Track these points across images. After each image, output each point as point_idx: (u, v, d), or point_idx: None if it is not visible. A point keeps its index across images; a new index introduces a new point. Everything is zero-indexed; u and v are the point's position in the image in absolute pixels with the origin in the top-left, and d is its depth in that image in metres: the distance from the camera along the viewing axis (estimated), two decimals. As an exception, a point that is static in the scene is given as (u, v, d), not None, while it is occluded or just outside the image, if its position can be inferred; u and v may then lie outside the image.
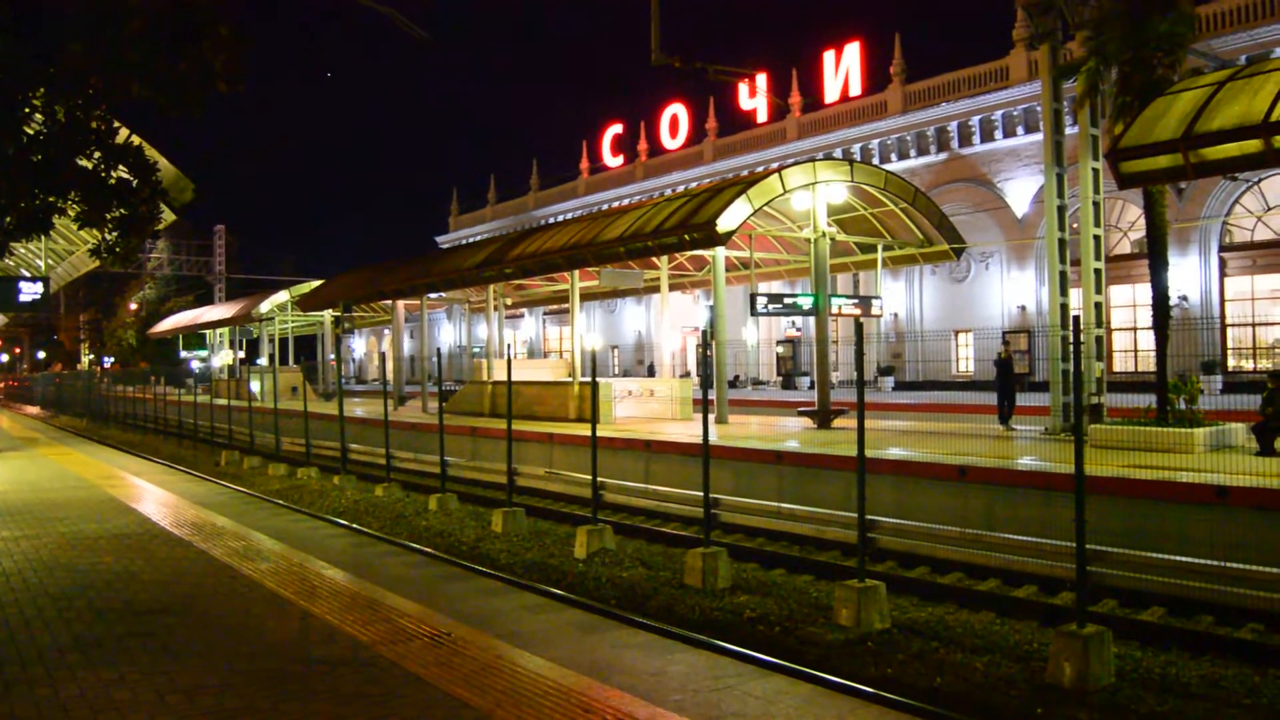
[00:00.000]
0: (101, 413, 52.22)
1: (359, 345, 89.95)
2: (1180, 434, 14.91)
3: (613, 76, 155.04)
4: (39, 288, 22.28)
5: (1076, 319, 10.29)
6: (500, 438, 18.90)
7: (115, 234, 10.86)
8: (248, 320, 47.65)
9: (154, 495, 18.04)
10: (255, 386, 39.66)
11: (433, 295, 34.45)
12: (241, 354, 56.52)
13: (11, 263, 29.68)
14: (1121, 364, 37.53)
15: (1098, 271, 18.29)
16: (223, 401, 38.61)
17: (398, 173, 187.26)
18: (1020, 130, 41.36)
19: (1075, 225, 19.46)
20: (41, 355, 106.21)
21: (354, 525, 17.38)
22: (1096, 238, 18.37)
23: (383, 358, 27.31)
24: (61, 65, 9.37)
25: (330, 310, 41.10)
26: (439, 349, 27.76)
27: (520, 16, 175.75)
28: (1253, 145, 12.66)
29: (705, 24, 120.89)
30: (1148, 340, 28.59)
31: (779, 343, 52.15)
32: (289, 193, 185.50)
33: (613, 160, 63.61)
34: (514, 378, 19.21)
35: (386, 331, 73.22)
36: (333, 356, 47.07)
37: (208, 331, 54.85)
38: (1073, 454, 9.19)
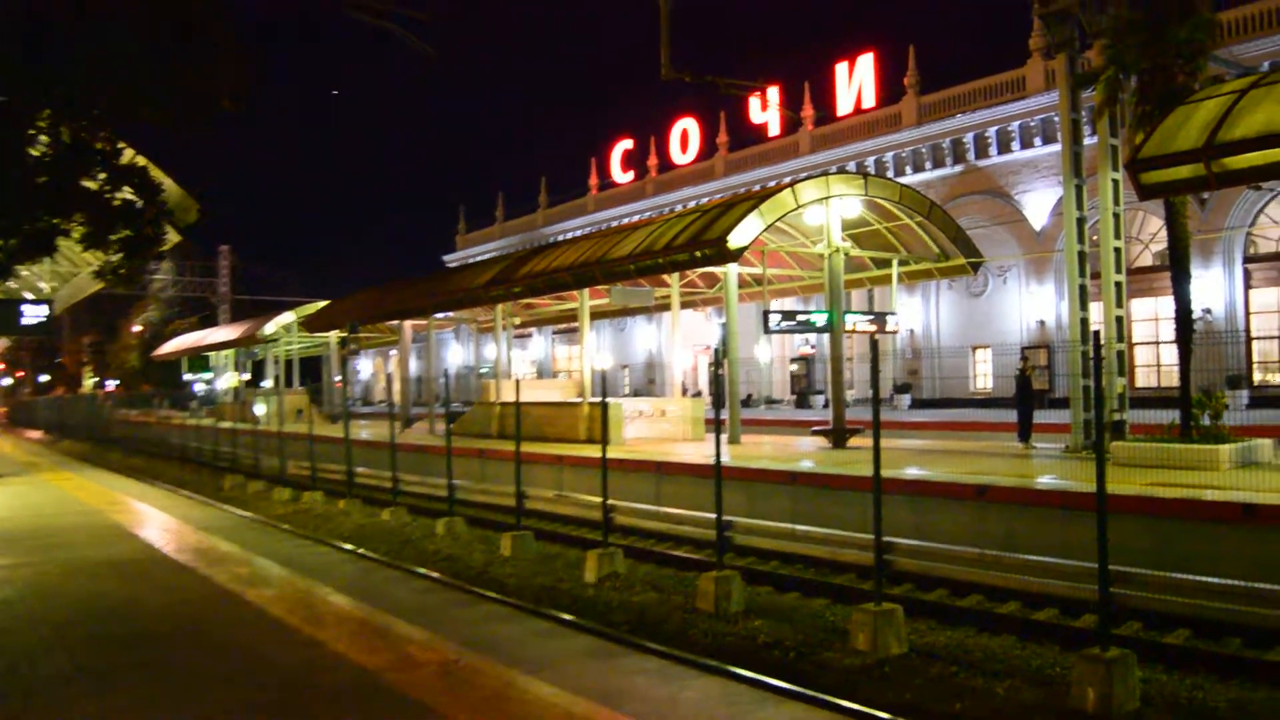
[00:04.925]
0: (104, 437, 52.41)
1: (365, 366, 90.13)
2: (1205, 450, 14.84)
3: (623, 92, 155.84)
4: (43, 310, 22.41)
5: (1096, 334, 10.28)
6: (509, 460, 18.90)
7: (120, 255, 10.95)
8: (252, 342, 47.79)
9: (157, 520, 18.09)
10: (260, 409, 39.75)
11: (440, 315, 34.50)
12: (246, 376, 56.70)
13: (14, 285, 29.89)
14: (1144, 379, 37.38)
15: (1118, 284, 18.25)
16: (227, 424, 38.70)
17: (405, 191, 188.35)
18: (1038, 141, 41.36)
19: (1095, 237, 19.43)
20: (44, 378, 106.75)
21: (360, 550, 17.36)
22: (1117, 250, 18.34)
23: (389, 379, 27.37)
24: (67, 87, 9.49)
25: (336, 331, 41.17)
26: (446, 370, 27.82)
27: (528, 32, 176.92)
28: (1276, 154, 12.62)
29: (716, 38, 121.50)
30: (1171, 354, 28.41)
31: (793, 360, 52.10)
32: (295, 212, 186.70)
33: (622, 176, 63.76)
34: (522, 398, 19.22)
35: (393, 352, 73.37)
36: (339, 378, 47.16)
37: (212, 353, 55.05)
38: (1094, 472, 9.16)
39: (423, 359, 69.64)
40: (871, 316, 23.60)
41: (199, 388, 54.59)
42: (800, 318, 23.26)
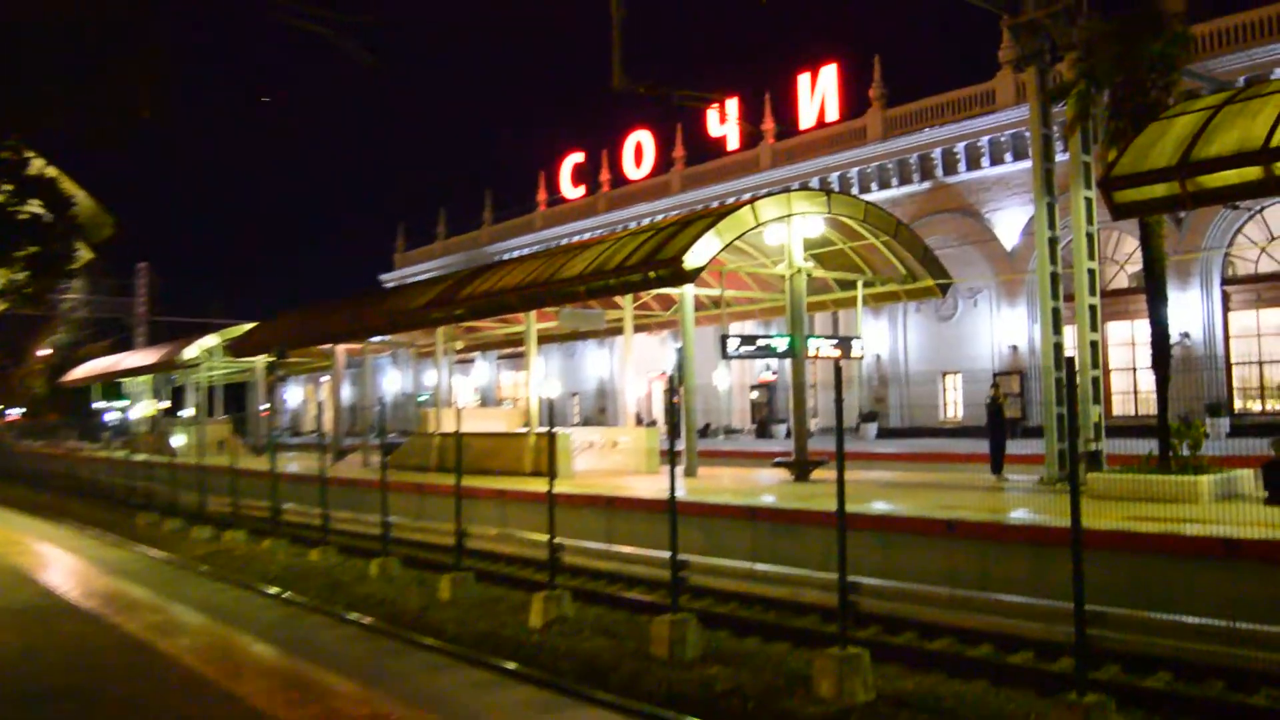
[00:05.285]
0: (5, 470, 51.31)
1: (294, 394, 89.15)
2: (1185, 482, 15.02)
3: (574, 103, 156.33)
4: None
5: (1070, 360, 10.38)
6: (449, 495, 18.73)
7: (25, 274, 10.72)
8: (171, 367, 47.11)
9: (62, 563, 17.67)
10: (178, 440, 39.15)
11: (376, 339, 34.20)
12: (164, 404, 55.84)
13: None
14: (1121, 407, 37.87)
15: (1093, 308, 18.52)
16: (142, 457, 38.07)
17: (341, 207, 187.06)
18: (1009, 157, 41.91)
19: (1069, 258, 19.69)
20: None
21: (286, 594, 17.10)
22: (1091, 271, 18.61)
23: (320, 407, 27.09)
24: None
25: (263, 356, 40.70)
26: (382, 398, 27.57)
27: (473, 40, 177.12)
28: (1253, 173, 12.89)
29: (672, 47, 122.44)
30: (1148, 381, 28.80)
31: (753, 388, 52.26)
32: (220, 229, 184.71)
33: (572, 192, 63.81)
34: (465, 429, 19.08)
35: (325, 379, 72.65)
36: (265, 406, 46.60)
37: (127, 379, 54.15)
38: (1069, 506, 9.21)
39: (357, 386, 68.98)
40: (836, 341, 23.70)
41: (111, 417, 53.62)
42: (760, 342, 23.29)
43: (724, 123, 51.80)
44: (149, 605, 13.02)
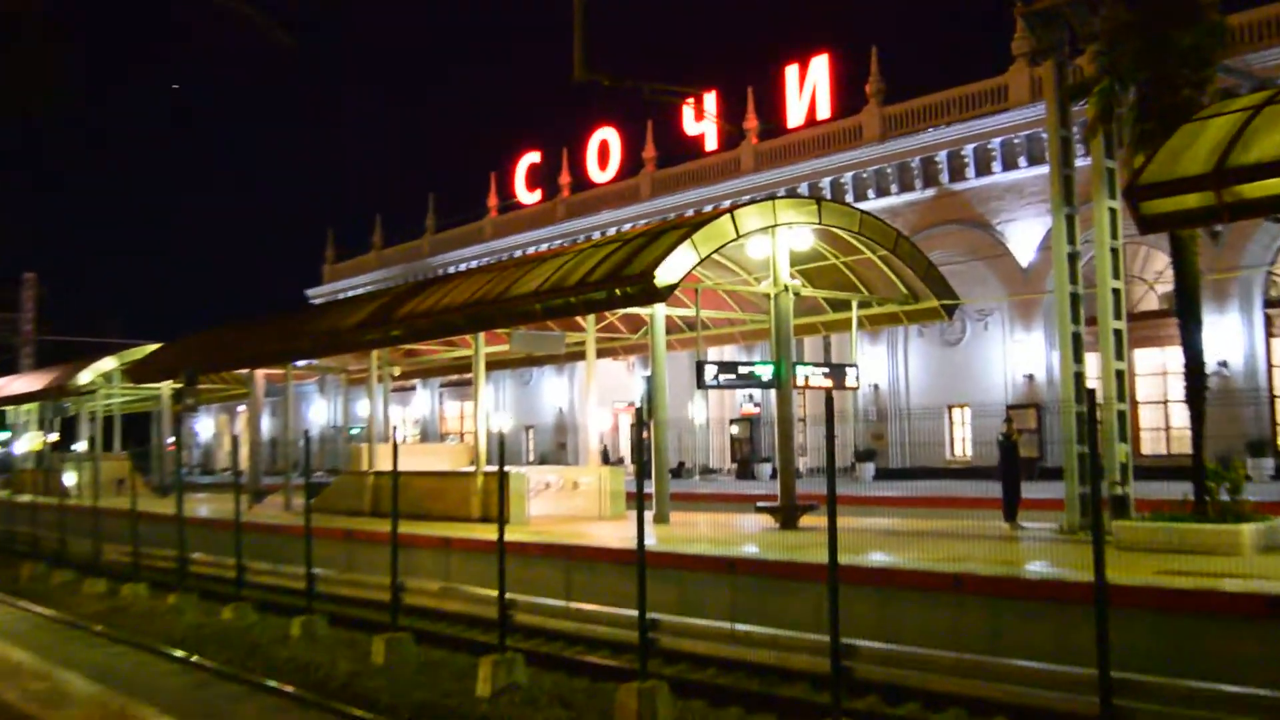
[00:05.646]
0: None
1: (206, 426, 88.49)
2: (1223, 531, 15.11)
3: (530, 96, 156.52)
4: None
5: (1092, 392, 10.46)
6: (383, 543, 18.59)
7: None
8: (62, 394, 46.62)
9: (-68, 622, 17.40)
10: (71, 479, 38.73)
11: (301, 363, 34.01)
12: (54, 437, 55.23)
13: None
14: (1150, 445, 38.16)
15: (1118, 333, 18.64)
16: (27, 498, 37.64)
17: (261, 212, 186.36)
18: (1023, 161, 42.27)
19: (1091, 276, 19.82)
20: None
21: (194, 658, 16.90)
22: (1116, 292, 18.73)
23: (235, 441, 26.90)
24: None
25: (170, 382, 40.39)
26: (307, 431, 27.34)
27: (414, 23, 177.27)
28: (1298, 182, 13.02)
29: (643, 35, 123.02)
30: (1181, 416, 29.10)
31: (733, 422, 52.32)
32: (122, 237, 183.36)
33: (528, 196, 63.89)
34: (403, 467, 18.95)
35: (241, 409, 72.15)
36: (172, 440, 46.17)
37: (9, 408, 53.59)
38: (1092, 558, 9.24)
39: (279, 417, 68.55)
40: (827, 369, 23.78)
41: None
42: (742, 370, 23.34)
43: (701, 120, 52.06)
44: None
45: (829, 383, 23.16)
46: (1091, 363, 19.26)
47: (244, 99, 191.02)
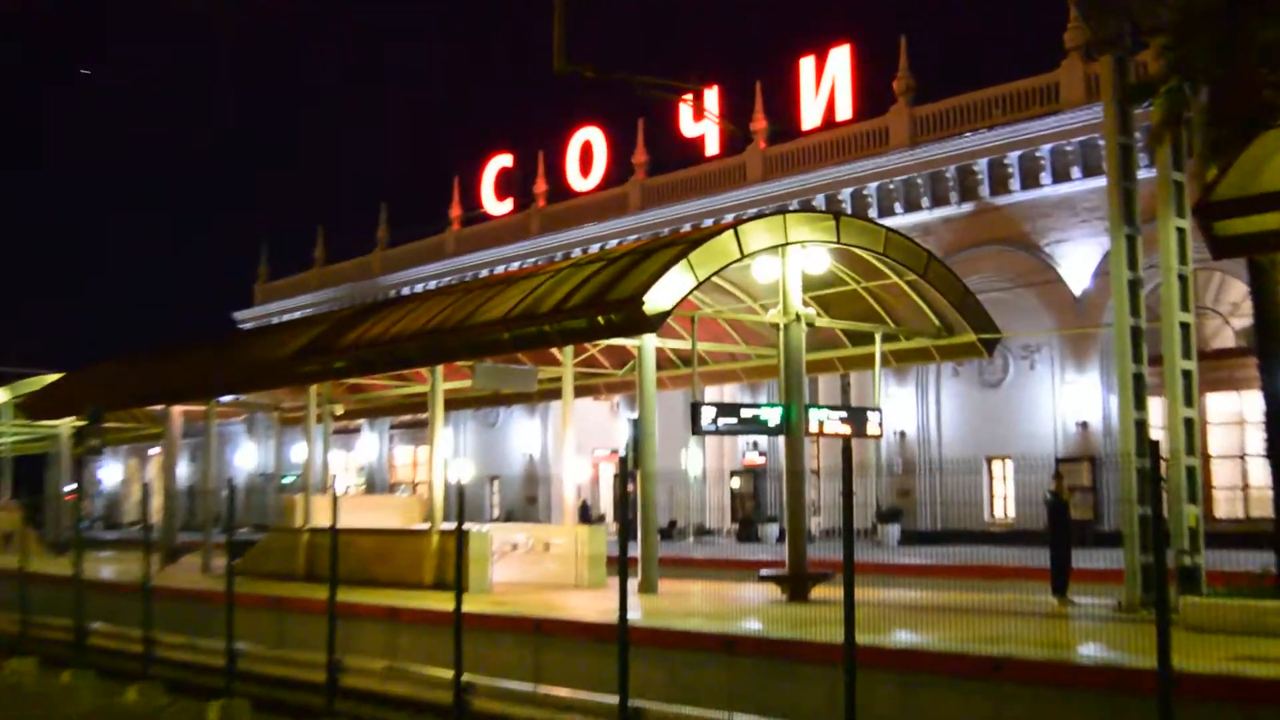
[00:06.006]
0: None
1: (113, 471, 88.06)
2: (1309, 611, 15.07)
3: (503, 91, 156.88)
4: None
5: (1156, 444, 10.43)
6: (320, 614, 18.49)
7: None
8: (-59, 432, 46.53)
9: None
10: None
11: (226, 399, 33.91)
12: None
13: None
14: (1226, 507, 38.10)
15: (1187, 374, 18.61)
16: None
17: (182, 219, 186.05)
18: (1076, 172, 42.31)
19: (1155, 308, 19.81)
20: None
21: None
22: (1185, 326, 18.71)
23: (146, 490, 26.77)
24: None
25: (72, 419, 40.23)
26: (232, 479, 27.23)
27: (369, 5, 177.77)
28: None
29: (635, 24, 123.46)
30: (1262, 472, 29.08)
31: (734, 474, 52.20)
32: (14, 248, 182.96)
33: (497, 206, 63.75)
34: (344, 523, 18.88)
35: (154, 451, 71.79)
36: (72, 487, 45.95)
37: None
38: (1155, 641, 9.20)
39: (198, 462, 68.28)
40: (845, 413, 23.75)
41: None
42: (745, 413, 23.28)
43: (700, 120, 52.00)
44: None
45: (847, 429, 23.11)
46: (1156, 409, 19.24)
47: (177, 82, 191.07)
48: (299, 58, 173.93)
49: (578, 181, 59.32)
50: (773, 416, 22.91)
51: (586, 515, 49.93)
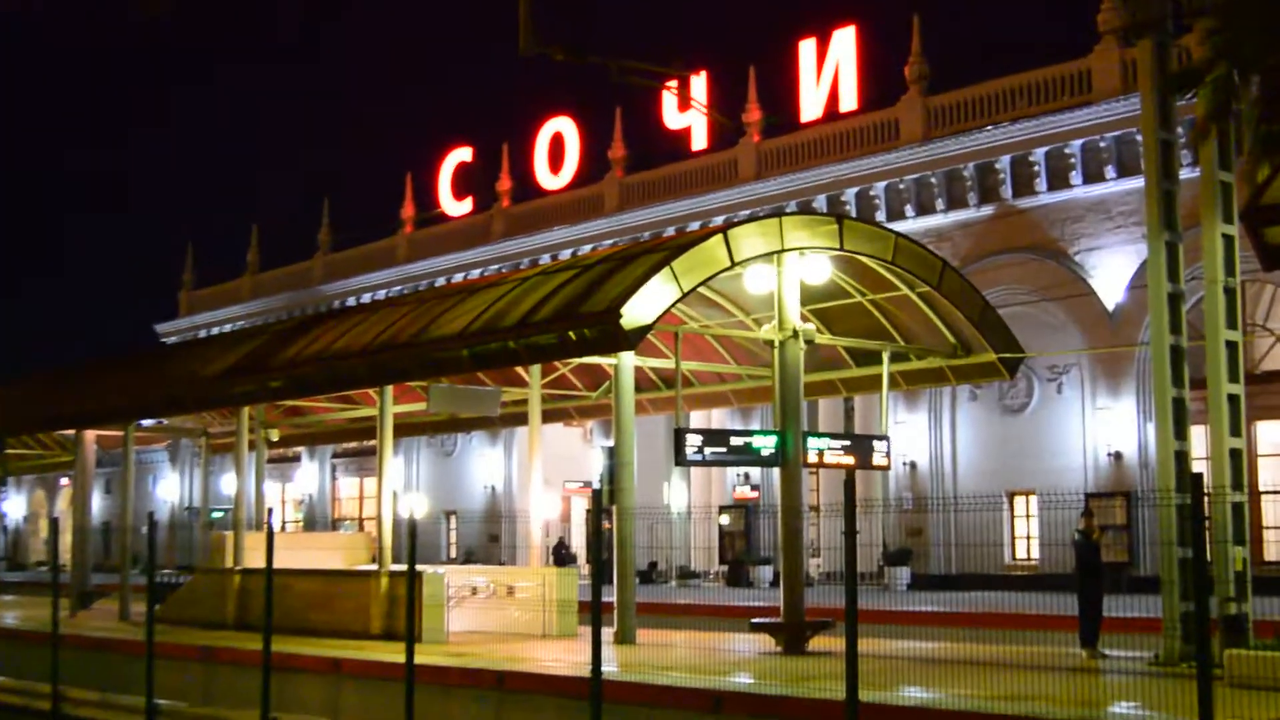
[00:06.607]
0: None
1: (16, 504, 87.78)
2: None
3: (461, 76, 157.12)
4: None
5: (1199, 477, 10.48)
6: (253, 666, 18.46)
7: None
8: None
9: None
10: None
11: (147, 422, 33.83)
12: None
13: None
14: (1276, 549, 38.23)
15: (1234, 399, 18.66)
16: None
17: (93, 217, 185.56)
18: (1110, 171, 42.44)
19: (1198, 324, 19.88)
20: None
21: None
22: (1231, 345, 18.77)
23: (55, 526, 26.71)
24: None
25: (-31, 446, 40.14)
26: (153, 513, 27.17)
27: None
28: None
29: (615, 6, 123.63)
30: (1315, 511, 29.21)
31: (723, 510, 52.11)
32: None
33: (456, 206, 63.70)
34: (282, 563, 18.87)
35: (65, 482, 71.56)
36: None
37: None
38: (1195, 699, 9.25)
39: (115, 494, 68.13)
40: (848, 442, 23.78)
41: None
42: (735, 441, 23.31)
43: (686, 110, 52.10)
44: None
45: (850, 460, 23.14)
46: (1198, 438, 19.30)
47: (91, 65, 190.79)
48: (220, 27, 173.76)
49: (547, 179, 59.32)
50: (766, 445, 22.93)
51: (562, 556, 49.89)
